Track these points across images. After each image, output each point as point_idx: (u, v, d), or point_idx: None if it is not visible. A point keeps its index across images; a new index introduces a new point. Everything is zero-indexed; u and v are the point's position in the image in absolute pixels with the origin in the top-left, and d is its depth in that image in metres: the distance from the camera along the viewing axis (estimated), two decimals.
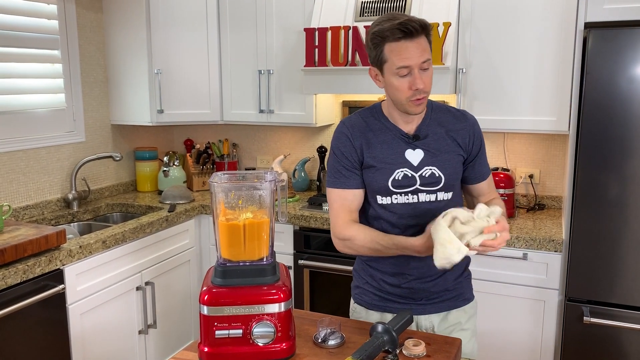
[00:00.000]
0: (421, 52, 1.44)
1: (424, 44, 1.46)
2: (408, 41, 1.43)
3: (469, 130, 1.59)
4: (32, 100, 2.71)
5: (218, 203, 1.28)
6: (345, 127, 1.61)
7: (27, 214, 2.69)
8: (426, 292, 1.62)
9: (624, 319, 2.22)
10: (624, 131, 2.14)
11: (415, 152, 1.56)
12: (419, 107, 1.51)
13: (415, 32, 1.43)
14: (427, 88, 1.49)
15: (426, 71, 1.47)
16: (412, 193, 1.56)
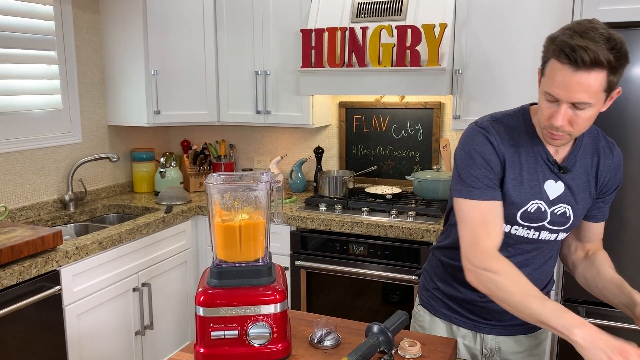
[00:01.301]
0: (580, 90, 1.18)
1: (593, 82, 1.17)
2: (571, 70, 1.18)
3: (610, 166, 1.39)
4: (29, 101, 2.70)
5: (214, 204, 1.28)
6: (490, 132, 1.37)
7: (23, 215, 2.69)
8: (500, 314, 1.48)
9: (619, 319, 2.23)
10: (620, 132, 2.14)
11: (556, 184, 1.37)
12: (554, 141, 1.30)
13: (583, 65, 1.16)
14: (570, 130, 1.25)
15: (580, 111, 1.22)
16: (535, 229, 1.39)
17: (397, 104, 3.13)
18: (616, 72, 1.20)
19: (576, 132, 1.26)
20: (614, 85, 1.22)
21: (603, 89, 1.20)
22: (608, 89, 1.21)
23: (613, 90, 1.24)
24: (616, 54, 1.18)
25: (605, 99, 1.23)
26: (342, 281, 2.71)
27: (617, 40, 1.19)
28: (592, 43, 1.16)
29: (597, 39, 1.17)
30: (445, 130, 3.07)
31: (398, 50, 2.57)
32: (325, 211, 2.81)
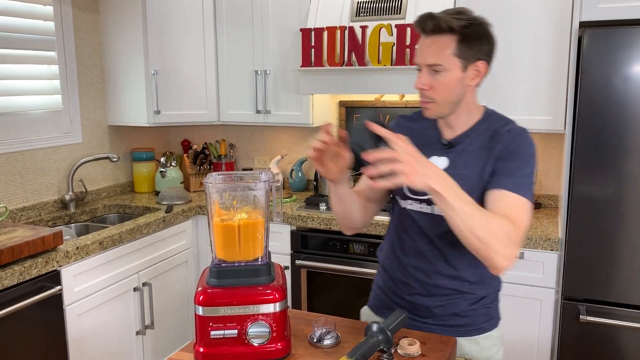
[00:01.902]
0: (430, 53, 1.34)
1: (441, 45, 1.33)
2: (423, 37, 1.36)
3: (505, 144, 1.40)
4: (29, 102, 2.71)
5: (213, 204, 1.28)
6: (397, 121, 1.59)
7: (24, 215, 2.69)
8: (430, 312, 1.51)
9: (620, 317, 2.22)
10: (619, 130, 2.14)
11: (439, 159, 1.45)
12: (425, 110, 1.41)
13: (429, 31, 1.33)
14: (432, 94, 1.37)
15: (437, 75, 1.35)
16: (427, 203, 1.45)
17: (397, 102, 3.13)
18: (467, 41, 1.33)
19: (439, 98, 1.37)
20: (469, 54, 1.35)
21: (453, 53, 1.33)
22: (461, 55, 1.34)
23: (470, 61, 1.36)
24: (462, 21, 1.32)
25: (462, 67, 1.35)
26: (342, 280, 2.71)
27: (471, 15, 1.35)
28: (440, 14, 1.33)
29: (449, 12, 1.34)
30: None
31: (398, 49, 2.57)
32: (325, 210, 2.81)
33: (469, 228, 1.21)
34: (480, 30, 1.36)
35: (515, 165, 1.36)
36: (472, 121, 1.45)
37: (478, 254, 1.25)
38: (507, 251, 1.24)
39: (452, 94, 1.38)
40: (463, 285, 1.49)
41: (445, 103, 1.39)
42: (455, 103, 1.40)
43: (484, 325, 1.54)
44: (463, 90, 1.39)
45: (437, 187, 1.18)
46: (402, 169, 1.15)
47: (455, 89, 1.37)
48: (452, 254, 1.46)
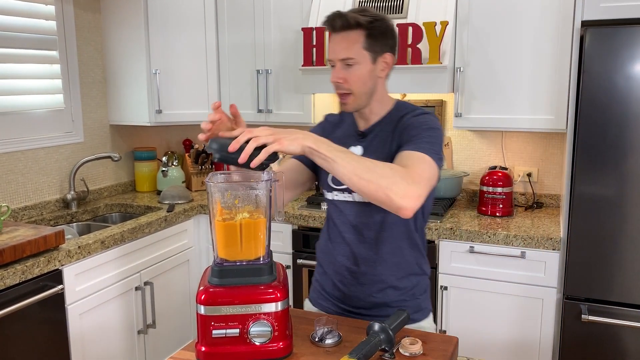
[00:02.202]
0: (342, 48, 1.44)
1: (351, 40, 1.43)
2: (333, 34, 1.46)
3: (405, 123, 1.49)
4: (31, 101, 2.71)
5: (214, 203, 1.28)
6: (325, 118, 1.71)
7: (25, 214, 2.69)
8: (362, 302, 1.58)
9: (622, 316, 2.22)
10: (621, 129, 2.14)
11: (355, 148, 1.55)
12: (344, 104, 1.51)
13: (338, 28, 1.43)
14: (347, 87, 1.47)
15: (350, 68, 1.45)
16: (347, 191, 1.54)
17: None
18: (374, 35, 1.43)
19: (355, 90, 1.47)
20: (377, 47, 1.45)
21: (363, 47, 1.43)
22: (370, 48, 1.44)
23: (379, 54, 1.46)
24: (368, 17, 1.42)
25: (372, 59, 1.45)
26: None
27: (374, 12, 1.45)
28: (346, 13, 1.43)
29: (354, 11, 1.44)
30: (447, 128, 3.07)
31: (399, 48, 2.57)
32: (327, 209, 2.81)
33: (354, 172, 1.24)
34: (384, 25, 1.46)
35: (416, 132, 1.43)
36: (384, 112, 1.56)
37: (375, 197, 1.26)
38: (404, 188, 1.24)
39: (365, 85, 1.48)
40: (390, 275, 1.56)
41: (361, 94, 1.48)
42: (369, 94, 1.50)
43: (414, 316, 1.58)
44: (374, 81, 1.49)
45: (311, 144, 1.23)
46: (269, 139, 1.20)
47: (367, 81, 1.47)
48: (378, 242, 1.54)
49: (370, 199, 1.28)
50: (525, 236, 2.36)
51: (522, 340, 2.44)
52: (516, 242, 2.38)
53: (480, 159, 3.03)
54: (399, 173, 1.27)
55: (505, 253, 2.40)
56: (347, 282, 1.59)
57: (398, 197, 1.24)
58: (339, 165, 1.24)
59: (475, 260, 2.46)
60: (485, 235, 2.42)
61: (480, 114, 2.65)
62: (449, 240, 2.48)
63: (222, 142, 1.22)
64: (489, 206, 2.70)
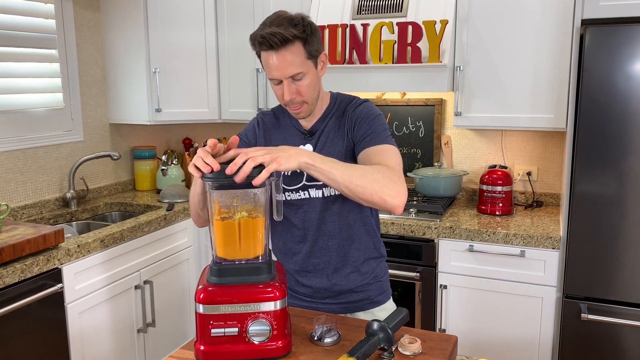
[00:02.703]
0: (287, 65, 1.42)
1: (294, 54, 1.42)
2: (272, 53, 1.42)
3: (351, 117, 1.55)
4: (30, 100, 2.71)
5: (213, 202, 1.28)
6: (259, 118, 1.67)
7: (25, 213, 2.69)
8: (329, 292, 1.63)
9: (621, 315, 2.22)
10: (621, 128, 2.14)
11: (305, 147, 1.56)
12: (299, 114, 1.53)
13: (277, 45, 1.40)
14: (300, 98, 1.48)
15: (299, 82, 1.46)
16: (302, 190, 1.57)
17: (399, 100, 3.13)
18: (309, 41, 1.44)
19: (308, 98, 1.49)
20: (314, 51, 1.46)
21: (306, 57, 1.44)
22: (310, 56, 1.45)
23: (317, 57, 1.49)
24: (299, 26, 1.42)
25: (314, 65, 1.48)
26: None
27: (298, 17, 1.45)
28: (277, 27, 1.40)
29: (281, 22, 1.42)
30: (446, 127, 3.07)
31: (399, 47, 2.57)
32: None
33: (350, 181, 1.30)
34: (312, 27, 1.46)
35: (368, 125, 1.51)
36: (324, 107, 1.60)
37: (371, 201, 1.33)
38: (394, 189, 1.33)
39: (315, 90, 1.52)
40: (352, 261, 1.61)
41: (313, 100, 1.52)
42: (317, 96, 1.54)
43: (378, 298, 1.67)
44: (320, 83, 1.55)
45: (308, 160, 1.26)
46: (266, 159, 1.20)
47: (316, 86, 1.51)
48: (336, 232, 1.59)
49: (364, 203, 1.35)
50: (525, 235, 2.36)
51: (521, 339, 2.44)
52: (516, 241, 2.38)
53: (480, 158, 3.03)
54: (386, 174, 1.34)
55: (504, 252, 2.40)
56: (310, 275, 1.64)
57: (391, 197, 1.33)
58: (336, 176, 1.29)
59: (474, 259, 2.46)
60: (485, 234, 2.42)
61: (480, 112, 2.65)
62: (449, 239, 2.48)
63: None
64: (489, 205, 2.70)
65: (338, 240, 1.60)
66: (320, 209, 1.58)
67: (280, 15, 1.45)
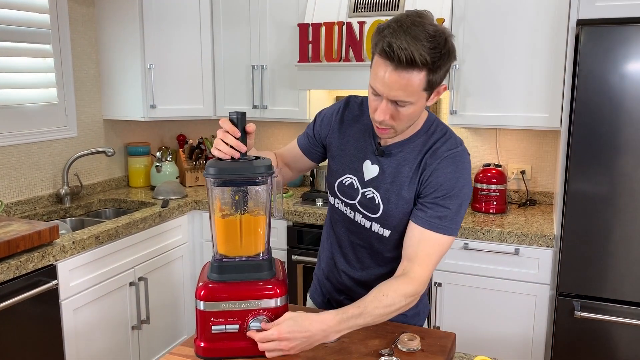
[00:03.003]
0: (397, 88, 1.19)
1: (411, 82, 1.18)
2: (391, 67, 1.18)
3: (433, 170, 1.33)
4: (24, 95, 2.68)
5: (214, 199, 1.28)
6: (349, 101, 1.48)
7: (18, 209, 2.67)
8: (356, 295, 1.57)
9: (614, 313, 2.25)
10: (615, 127, 2.16)
11: (372, 167, 1.41)
12: (381, 134, 1.33)
13: (400, 64, 1.16)
14: (392, 123, 1.27)
15: (401, 108, 1.24)
16: (350, 208, 1.45)
17: None
18: (437, 72, 1.19)
19: (399, 126, 1.28)
20: (435, 84, 1.22)
21: (422, 88, 1.20)
22: (428, 87, 1.21)
23: (435, 88, 1.24)
24: (436, 53, 1.16)
25: (427, 97, 1.25)
26: None
27: (441, 38, 1.18)
28: (412, 41, 1.14)
29: (420, 37, 1.15)
30: None
31: None
32: (321, 206, 2.82)
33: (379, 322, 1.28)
34: (449, 54, 1.21)
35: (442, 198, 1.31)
36: (413, 130, 1.37)
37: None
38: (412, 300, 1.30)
39: (412, 120, 1.31)
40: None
41: (404, 129, 1.32)
42: (409, 125, 1.33)
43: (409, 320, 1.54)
44: (422, 112, 1.32)
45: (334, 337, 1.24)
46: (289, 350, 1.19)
47: (416, 117, 1.30)
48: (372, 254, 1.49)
49: None
50: (519, 233, 2.38)
51: (515, 337, 2.46)
52: (510, 239, 2.39)
53: (474, 156, 3.05)
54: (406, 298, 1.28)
55: (499, 250, 2.42)
56: (339, 287, 1.58)
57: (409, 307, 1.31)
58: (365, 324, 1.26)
59: (469, 257, 2.48)
60: (479, 232, 2.43)
61: (474, 111, 2.67)
62: None
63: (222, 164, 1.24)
64: (483, 203, 2.71)
65: (365, 267, 1.51)
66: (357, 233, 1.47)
67: (422, 25, 1.17)
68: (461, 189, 1.32)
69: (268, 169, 1.24)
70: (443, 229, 1.31)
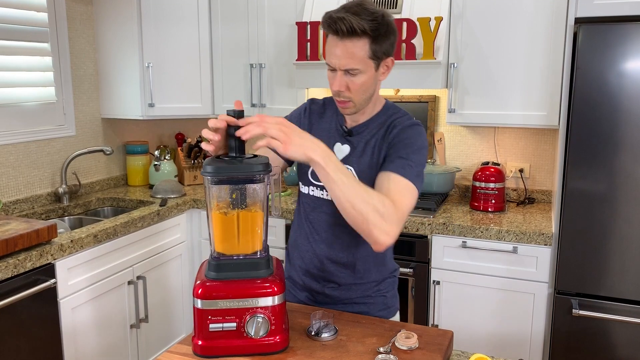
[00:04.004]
0: (346, 57, 1.35)
1: (356, 49, 1.34)
2: (337, 39, 1.36)
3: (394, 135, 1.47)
4: (22, 94, 2.68)
5: (211, 196, 1.28)
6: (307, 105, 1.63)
7: (17, 208, 2.67)
8: (328, 298, 1.60)
9: (612, 311, 2.25)
10: (613, 126, 2.16)
11: (342, 147, 1.52)
12: (344, 109, 1.47)
13: (342, 34, 1.33)
14: (349, 94, 1.41)
15: (353, 77, 1.39)
16: (323, 188, 1.52)
17: (392, 97, 3.13)
18: (379, 41, 1.36)
19: (356, 97, 1.42)
20: (381, 53, 1.38)
21: (368, 56, 1.36)
22: (374, 56, 1.37)
23: (382, 59, 1.40)
24: (374, 24, 1.33)
25: (375, 66, 1.40)
26: None
27: (379, 14, 1.35)
28: (352, 15, 1.32)
29: (359, 12, 1.33)
30: (440, 124, 3.08)
31: None
32: None
33: (349, 200, 1.25)
34: (388, 28, 1.38)
35: (405, 152, 1.42)
36: (373, 113, 1.52)
37: (359, 228, 1.29)
38: (388, 227, 1.27)
39: (367, 92, 1.44)
40: (356, 271, 1.56)
41: (361, 101, 1.45)
42: (368, 99, 1.47)
43: (380, 314, 1.60)
44: (375, 86, 1.46)
45: (316, 157, 1.21)
46: (279, 137, 1.18)
47: (369, 87, 1.43)
48: (352, 242, 1.53)
49: (352, 225, 1.30)
50: (517, 231, 2.38)
51: (513, 335, 2.47)
52: (508, 237, 2.40)
53: (472, 155, 3.05)
54: (386, 208, 1.27)
55: (497, 248, 2.42)
56: (311, 279, 1.60)
57: (380, 233, 1.27)
58: (337, 188, 1.24)
59: (467, 255, 2.48)
60: (478, 231, 2.43)
61: (473, 109, 2.67)
62: (442, 235, 2.50)
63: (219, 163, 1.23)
64: (482, 201, 2.71)
65: (352, 250, 1.55)
66: (333, 211, 1.49)
67: (362, 4, 1.36)
68: (420, 149, 1.44)
69: (266, 167, 1.24)
70: (408, 176, 1.38)
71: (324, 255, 1.57)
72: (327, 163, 1.23)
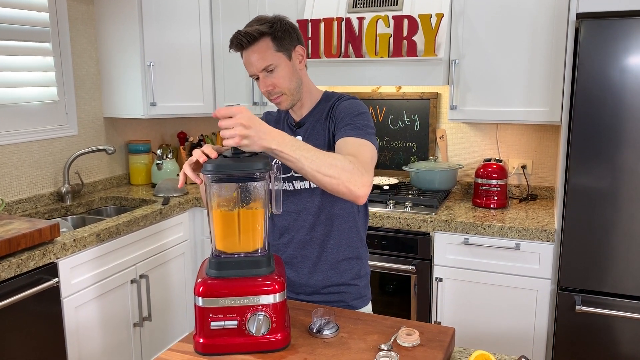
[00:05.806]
0: (256, 60, 1.52)
1: (262, 49, 1.51)
2: (246, 52, 1.53)
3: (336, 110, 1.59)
4: (24, 94, 2.69)
5: (212, 195, 1.28)
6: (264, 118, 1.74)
7: (20, 207, 2.68)
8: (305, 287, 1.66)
9: (615, 307, 2.24)
10: (616, 121, 2.15)
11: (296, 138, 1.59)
12: (280, 104, 1.60)
13: (246, 44, 1.51)
14: (277, 88, 1.55)
15: (273, 73, 1.53)
16: (287, 180, 1.63)
17: (394, 94, 3.13)
18: (279, 37, 1.52)
19: (285, 89, 1.56)
20: (287, 44, 1.54)
21: (275, 50, 1.52)
22: (281, 48, 1.53)
23: (290, 50, 1.56)
24: (266, 24, 1.51)
25: (287, 56, 1.55)
26: None
27: (268, 17, 1.55)
28: (247, 28, 1.51)
29: (252, 24, 1.53)
30: (442, 121, 3.07)
31: (395, 40, 2.57)
32: None
33: (317, 170, 1.29)
34: (284, 24, 1.54)
35: (350, 119, 1.53)
36: (314, 102, 1.66)
37: (336, 190, 1.33)
38: (360, 179, 1.33)
39: (292, 81, 1.57)
40: (330, 259, 1.63)
41: (291, 90, 1.58)
42: (298, 88, 1.59)
43: (353, 302, 1.67)
44: (298, 75, 1.59)
45: (272, 145, 1.26)
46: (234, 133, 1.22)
47: (292, 77, 1.57)
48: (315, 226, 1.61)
49: (330, 192, 1.35)
50: (520, 228, 2.38)
51: (516, 331, 2.46)
52: (511, 234, 2.39)
53: (474, 152, 3.04)
54: (354, 165, 1.34)
55: (500, 245, 2.42)
56: (287, 268, 1.66)
57: (357, 187, 1.33)
58: (303, 165, 1.29)
59: (470, 252, 2.48)
60: (480, 227, 2.43)
61: (475, 106, 2.66)
62: (444, 232, 2.49)
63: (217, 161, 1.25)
64: (484, 198, 2.71)
65: (317, 235, 1.62)
66: (304, 201, 1.62)
67: (256, 18, 1.56)
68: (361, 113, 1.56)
69: (266, 165, 1.24)
70: (360, 135, 1.49)
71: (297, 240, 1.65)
72: (285, 146, 1.27)
